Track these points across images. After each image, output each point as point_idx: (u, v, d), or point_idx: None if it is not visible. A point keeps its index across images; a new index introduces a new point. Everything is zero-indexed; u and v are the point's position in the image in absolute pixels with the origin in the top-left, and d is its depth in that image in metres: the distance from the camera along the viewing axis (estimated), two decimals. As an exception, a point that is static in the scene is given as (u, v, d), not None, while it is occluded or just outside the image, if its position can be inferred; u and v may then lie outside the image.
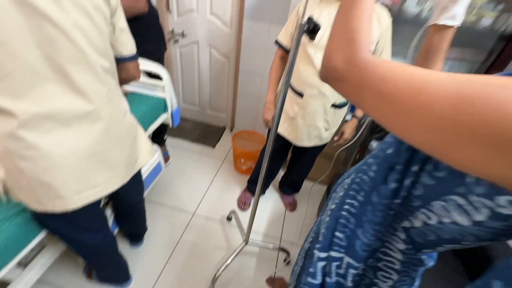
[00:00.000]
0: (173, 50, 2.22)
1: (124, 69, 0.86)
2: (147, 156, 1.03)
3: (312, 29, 0.70)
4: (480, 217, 0.35)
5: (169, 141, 2.26)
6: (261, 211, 1.80)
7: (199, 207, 1.78)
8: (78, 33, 0.61)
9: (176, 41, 2.16)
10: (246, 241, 1.40)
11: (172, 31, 2.10)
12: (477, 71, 1.50)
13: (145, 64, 1.48)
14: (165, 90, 1.55)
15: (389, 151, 0.47)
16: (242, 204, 1.82)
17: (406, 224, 0.46)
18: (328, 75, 0.40)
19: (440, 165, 0.40)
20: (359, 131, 1.27)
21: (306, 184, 1.83)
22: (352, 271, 0.54)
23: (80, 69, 0.64)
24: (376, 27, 1.09)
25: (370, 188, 0.50)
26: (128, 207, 1.19)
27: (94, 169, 0.76)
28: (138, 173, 1.11)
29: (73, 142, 0.68)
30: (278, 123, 0.89)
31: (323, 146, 1.48)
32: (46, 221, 0.85)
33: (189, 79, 2.36)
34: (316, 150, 1.51)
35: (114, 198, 1.13)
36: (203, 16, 1.98)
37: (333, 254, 0.55)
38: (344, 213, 0.55)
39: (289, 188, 1.86)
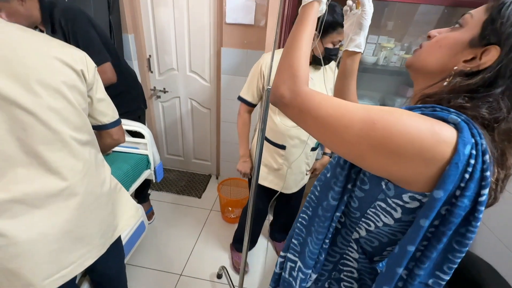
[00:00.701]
0: (155, 105, 2.30)
1: (108, 136, 0.87)
2: (130, 221, 0.98)
3: None
4: (397, 214, 0.45)
5: (154, 194, 2.20)
6: (253, 263, 1.70)
7: (187, 265, 1.67)
8: (52, 115, 0.62)
9: (158, 97, 2.25)
10: (239, 302, 1.30)
11: (154, 88, 2.21)
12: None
13: (127, 124, 1.51)
14: (147, 147, 1.56)
15: (328, 174, 0.56)
16: (238, 265, 1.68)
17: (355, 235, 0.55)
18: (277, 101, 0.51)
19: (365, 180, 0.49)
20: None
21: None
22: (300, 275, 0.61)
23: (53, 148, 0.64)
24: (333, 77, 1.21)
25: (316, 204, 0.59)
26: (106, 279, 1.10)
27: (68, 249, 0.72)
28: (118, 240, 1.05)
29: (44, 224, 0.65)
30: (257, 183, 0.90)
31: (305, 186, 1.50)
32: (11, 310, 0.76)
33: (172, 131, 2.40)
34: (302, 191, 1.52)
35: (91, 270, 1.05)
36: (183, 73, 2.11)
37: (290, 256, 0.66)
38: (298, 224, 0.64)
39: (280, 234, 1.81)
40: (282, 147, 1.27)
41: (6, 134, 0.57)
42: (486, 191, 0.37)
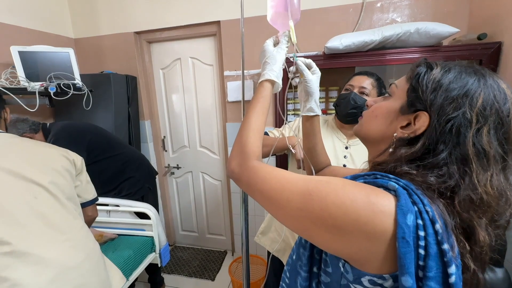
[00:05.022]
0: (169, 182, 2.37)
1: (84, 213, 1.03)
2: (120, 282, 1.06)
3: None
4: None
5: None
6: None
7: None
8: (53, 187, 0.84)
9: (172, 173, 2.33)
10: None
11: (168, 166, 2.31)
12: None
13: (133, 206, 1.53)
14: (152, 228, 1.52)
15: (294, 256, 0.51)
16: None
17: None
18: (229, 175, 0.52)
19: (327, 262, 0.44)
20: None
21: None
22: None
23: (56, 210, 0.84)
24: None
25: None
26: None
27: None
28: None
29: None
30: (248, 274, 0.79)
31: None
32: None
33: (186, 206, 2.39)
34: None
35: None
36: (194, 149, 2.21)
37: None
38: None
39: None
40: None
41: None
42: (452, 269, 0.32)
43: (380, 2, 1.52)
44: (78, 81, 1.61)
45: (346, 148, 1.05)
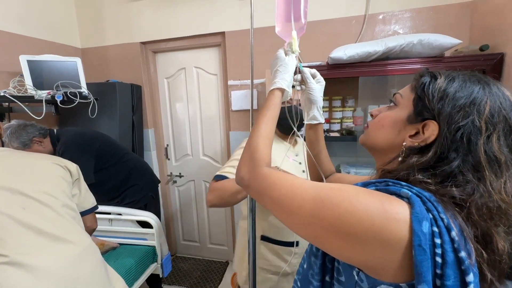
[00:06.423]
0: (171, 190, 2.35)
1: (83, 222, 1.01)
2: None
3: None
4: None
5: (165, 290, 1.99)
6: None
7: None
8: (45, 196, 0.84)
9: (174, 182, 2.32)
10: None
11: (171, 174, 2.30)
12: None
13: (135, 215, 1.51)
14: (155, 237, 1.50)
15: (305, 265, 0.51)
16: None
17: None
18: (239, 182, 0.52)
19: (340, 270, 0.43)
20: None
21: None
22: None
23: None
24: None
25: None
26: None
27: None
28: None
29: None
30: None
31: None
32: None
33: (187, 215, 2.36)
34: None
35: None
36: (197, 157, 2.21)
37: None
38: None
39: None
40: (294, 244, 0.96)
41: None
42: (470, 277, 0.32)
43: (382, 14, 1.55)
44: (84, 89, 1.62)
45: (297, 155, 1.10)
